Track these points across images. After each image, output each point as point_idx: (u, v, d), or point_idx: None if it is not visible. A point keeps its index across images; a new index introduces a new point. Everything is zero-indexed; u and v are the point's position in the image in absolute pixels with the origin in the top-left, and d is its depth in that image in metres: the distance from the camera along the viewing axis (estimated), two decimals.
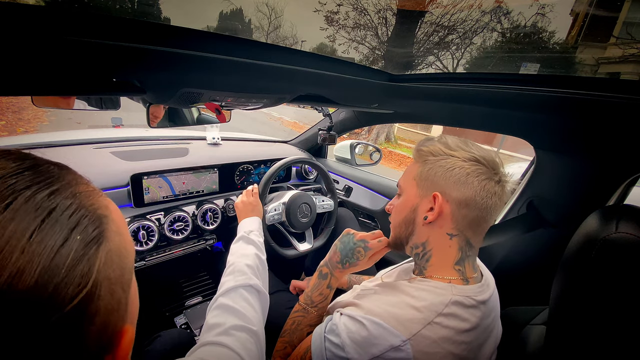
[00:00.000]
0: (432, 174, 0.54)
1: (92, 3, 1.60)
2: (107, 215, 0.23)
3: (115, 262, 0.22)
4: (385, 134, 9.39)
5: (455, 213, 0.52)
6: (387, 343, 0.47)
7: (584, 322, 0.46)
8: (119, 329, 0.23)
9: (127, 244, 0.25)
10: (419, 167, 0.57)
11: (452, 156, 0.53)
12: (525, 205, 0.95)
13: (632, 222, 0.43)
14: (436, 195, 0.53)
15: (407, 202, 0.58)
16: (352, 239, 0.70)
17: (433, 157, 0.55)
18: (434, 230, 0.55)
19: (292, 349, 0.66)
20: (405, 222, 0.58)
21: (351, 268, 0.69)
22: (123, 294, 0.23)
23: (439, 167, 0.54)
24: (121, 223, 0.25)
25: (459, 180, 0.51)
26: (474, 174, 0.51)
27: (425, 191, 0.55)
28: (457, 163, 0.52)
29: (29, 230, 0.18)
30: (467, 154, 0.53)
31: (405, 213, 0.58)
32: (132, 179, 1.04)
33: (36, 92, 0.53)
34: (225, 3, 11.86)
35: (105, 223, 0.22)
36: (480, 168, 0.52)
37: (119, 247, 0.23)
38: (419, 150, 0.58)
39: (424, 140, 0.59)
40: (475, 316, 0.51)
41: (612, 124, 0.62)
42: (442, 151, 0.54)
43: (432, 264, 0.56)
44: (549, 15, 7.09)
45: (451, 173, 0.52)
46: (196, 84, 0.58)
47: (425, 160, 0.56)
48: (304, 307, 0.70)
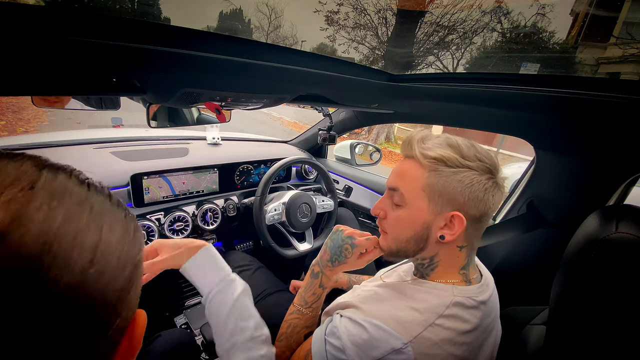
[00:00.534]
0: (449, 189, 0.48)
1: (92, 3, 1.60)
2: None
3: (139, 240, 0.25)
4: (385, 134, 9.39)
5: (469, 229, 0.50)
6: (388, 346, 0.47)
7: (584, 322, 0.46)
8: (132, 314, 0.24)
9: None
10: (428, 177, 0.50)
11: (470, 169, 0.48)
12: (525, 205, 0.95)
13: (632, 222, 0.43)
14: (457, 216, 0.49)
15: (417, 217, 0.52)
16: (341, 236, 0.67)
17: (447, 167, 0.49)
18: (445, 245, 0.52)
19: (290, 353, 0.66)
20: (416, 239, 0.53)
21: (341, 266, 0.67)
22: (137, 278, 0.25)
23: (457, 182, 0.48)
24: None
25: (477, 197, 0.48)
26: (490, 189, 0.49)
27: (440, 208, 0.50)
28: (476, 178, 0.48)
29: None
30: (482, 165, 0.49)
31: (416, 229, 0.52)
32: (132, 179, 1.04)
33: (36, 92, 0.53)
34: (225, 3, 11.87)
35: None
36: (494, 180, 0.50)
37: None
38: (424, 154, 0.50)
39: (424, 138, 0.52)
40: (476, 317, 0.51)
41: (612, 124, 0.62)
42: (458, 162, 0.48)
43: (437, 272, 0.55)
44: (549, 15, 7.10)
45: (470, 190, 0.48)
46: (196, 84, 0.58)
47: (437, 171, 0.49)
48: (298, 309, 0.69)
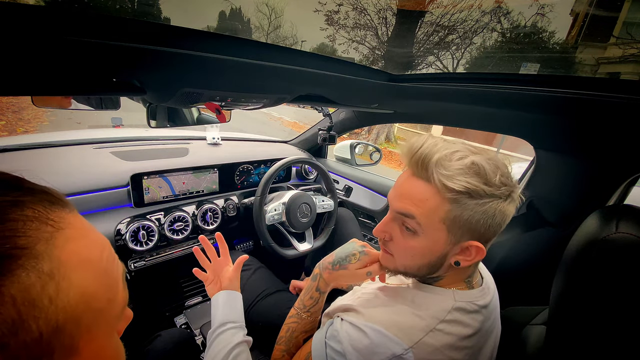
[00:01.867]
0: (472, 221, 0.44)
1: (92, 3, 1.60)
2: (30, 247, 0.20)
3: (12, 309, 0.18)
4: (385, 134, 9.39)
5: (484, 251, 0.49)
6: (389, 351, 0.46)
7: (584, 322, 0.46)
8: None
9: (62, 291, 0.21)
10: (450, 210, 0.44)
11: (493, 197, 0.44)
12: (525, 205, 0.95)
13: (632, 222, 0.43)
14: (476, 246, 0.46)
15: (434, 248, 0.48)
16: (354, 245, 0.67)
17: (472, 200, 0.43)
18: (458, 268, 0.50)
19: (290, 356, 0.66)
20: (429, 267, 0.50)
21: (340, 271, 0.65)
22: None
23: (481, 213, 0.44)
24: (68, 260, 0.21)
25: (499, 225, 0.46)
26: (509, 214, 0.46)
27: (459, 237, 0.46)
28: (500, 207, 0.44)
29: None
30: (506, 190, 0.44)
31: (431, 259, 0.49)
32: (132, 179, 1.04)
33: (36, 92, 0.53)
34: (225, 3, 11.86)
35: (23, 256, 0.19)
36: (511, 201, 0.46)
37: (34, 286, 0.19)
38: (446, 185, 0.43)
39: (442, 160, 0.44)
40: (477, 321, 0.51)
41: (612, 124, 0.62)
42: (484, 192, 0.43)
43: (442, 283, 0.54)
44: (549, 15, 7.10)
45: (492, 220, 0.44)
46: (196, 84, 0.58)
47: (460, 203, 0.44)
48: (297, 313, 0.69)
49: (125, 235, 0.99)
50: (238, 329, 0.65)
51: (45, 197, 0.23)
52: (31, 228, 0.20)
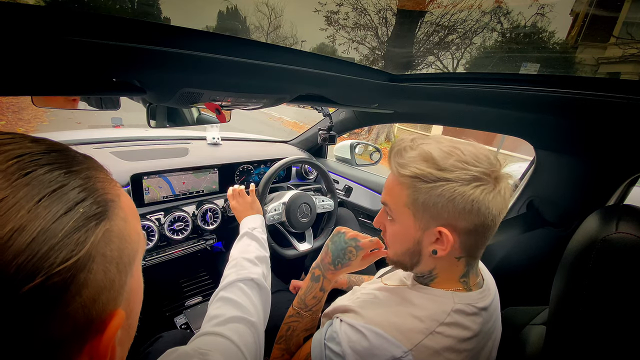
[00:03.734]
0: (429, 204, 0.46)
1: (92, 3, 1.60)
2: (114, 200, 0.25)
3: (114, 243, 0.24)
4: (385, 134, 9.39)
5: (464, 241, 0.48)
6: (389, 354, 0.46)
7: (584, 322, 0.46)
8: (109, 310, 0.23)
9: (132, 232, 0.27)
10: (408, 195, 0.48)
11: (448, 181, 0.45)
12: (525, 205, 0.95)
13: (632, 222, 0.43)
14: (442, 231, 0.47)
15: (406, 234, 0.51)
16: (343, 238, 0.68)
17: (425, 184, 0.46)
18: (441, 259, 0.51)
19: (289, 356, 0.66)
20: (410, 254, 0.53)
21: (344, 269, 0.67)
22: (118, 275, 0.24)
23: (436, 196, 0.45)
24: (130, 212, 0.28)
25: (464, 209, 0.45)
26: (479, 199, 0.44)
27: (426, 224, 0.48)
28: (457, 190, 0.44)
29: (38, 195, 0.20)
30: (464, 174, 0.45)
31: (408, 245, 0.52)
32: (132, 179, 1.04)
33: (36, 92, 0.53)
34: (225, 3, 11.87)
35: (111, 206, 0.24)
36: (484, 186, 0.45)
37: (122, 231, 0.25)
38: (400, 172, 0.48)
39: (400, 150, 0.50)
40: (477, 323, 0.51)
41: (612, 124, 0.62)
42: (434, 176, 0.45)
43: (437, 282, 0.54)
44: (549, 15, 7.10)
45: (453, 204, 0.45)
46: (196, 84, 0.58)
47: (415, 188, 0.47)
48: (298, 312, 0.69)
49: None
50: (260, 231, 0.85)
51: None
52: (109, 184, 0.26)
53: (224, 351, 0.49)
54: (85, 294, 0.21)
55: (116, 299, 0.24)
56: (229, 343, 0.50)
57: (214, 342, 0.50)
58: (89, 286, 0.21)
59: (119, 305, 0.25)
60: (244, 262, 0.71)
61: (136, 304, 0.29)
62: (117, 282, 0.24)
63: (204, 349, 0.46)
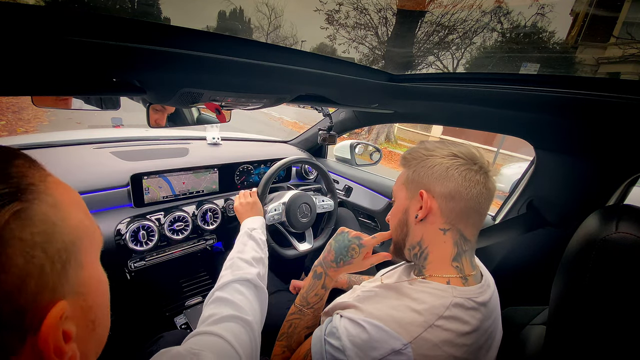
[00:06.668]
0: (416, 175, 0.58)
1: (92, 3, 1.60)
2: (35, 184, 0.24)
3: (36, 227, 0.23)
4: (385, 134, 9.39)
5: (443, 207, 0.54)
6: (388, 346, 0.47)
7: (584, 323, 0.46)
8: (44, 301, 0.22)
9: (68, 220, 0.26)
10: (405, 173, 0.61)
11: (432, 156, 0.57)
12: (525, 205, 0.95)
13: (632, 222, 0.43)
14: (422, 192, 0.56)
15: (399, 206, 0.62)
16: (347, 237, 0.70)
17: (416, 160, 0.59)
18: (426, 227, 0.57)
19: (290, 353, 0.66)
20: (400, 225, 0.61)
21: (346, 267, 0.69)
22: (49, 263, 0.23)
23: (421, 167, 0.57)
24: (66, 200, 0.27)
25: (441, 175, 0.55)
26: (453, 167, 0.54)
27: (413, 192, 0.58)
28: (436, 160, 0.56)
29: None
30: (444, 152, 0.57)
31: (398, 216, 0.61)
32: (132, 179, 1.04)
33: (36, 92, 0.53)
34: (225, 3, 11.88)
35: (29, 189, 0.24)
36: (458, 161, 0.55)
37: (49, 216, 0.24)
38: (404, 157, 0.63)
39: (409, 149, 0.64)
40: (476, 318, 0.51)
41: (612, 124, 0.62)
42: (422, 154, 0.59)
43: (430, 262, 0.56)
44: (549, 15, 7.11)
45: (432, 170, 0.56)
46: (196, 84, 0.58)
47: (410, 165, 0.60)
48: (300, 309, 0.70)
49: (125, 235, 0.99)
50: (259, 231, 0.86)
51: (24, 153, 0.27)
52: (31, 170, 0.25)
53: (217, 350, 0.49)
54: (4, 279, 0.20)
55: (54, 289, 0.23)
56: (222, 342, 0.50)
57: (207, 342, 0.50)
58: (8, 272, 0.20)
59: (60, 297, 0.24)
60: (240, 262, 0.71)
61: (97, 298, 0.28)
62: (50, 269, 0.23)
63: (196, 349, 0.46)
